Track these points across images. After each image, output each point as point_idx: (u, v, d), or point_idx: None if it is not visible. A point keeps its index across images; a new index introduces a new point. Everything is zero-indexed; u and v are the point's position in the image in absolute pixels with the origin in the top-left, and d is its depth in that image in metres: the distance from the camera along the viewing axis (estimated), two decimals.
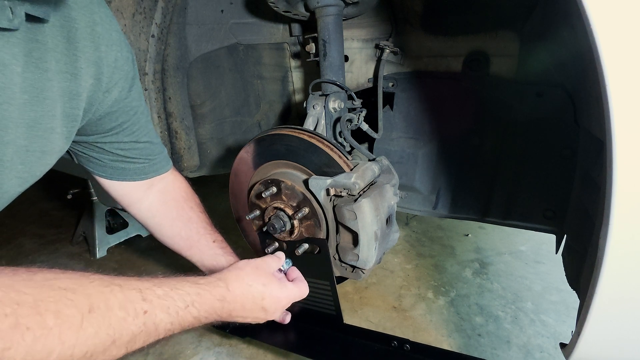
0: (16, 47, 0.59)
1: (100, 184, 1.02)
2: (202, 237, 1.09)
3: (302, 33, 1.58)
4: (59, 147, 0.75)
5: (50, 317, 0.51)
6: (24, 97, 0.62)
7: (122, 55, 0.83)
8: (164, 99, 1.44)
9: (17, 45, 0.59)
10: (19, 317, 0.48)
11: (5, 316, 0.47)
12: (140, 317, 0.61)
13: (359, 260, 0.98)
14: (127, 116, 0.90)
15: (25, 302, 0.49)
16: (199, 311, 0.71)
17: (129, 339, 0.59)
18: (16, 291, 0.50)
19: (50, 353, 0.50)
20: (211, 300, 0.74)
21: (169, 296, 0.67)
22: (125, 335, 0.59)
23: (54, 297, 0.53)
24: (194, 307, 0.70)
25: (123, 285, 0.62)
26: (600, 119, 0.61)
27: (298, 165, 1.06)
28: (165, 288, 0.67)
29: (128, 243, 2.54)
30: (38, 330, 0.49)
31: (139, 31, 1.28)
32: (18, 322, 0.48)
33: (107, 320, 0.56)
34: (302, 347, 1.08)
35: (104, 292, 0.58)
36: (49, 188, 3.38)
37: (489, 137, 1.27)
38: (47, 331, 0.50)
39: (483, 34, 1.23)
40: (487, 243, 2.44)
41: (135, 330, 0.60)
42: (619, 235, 0.61)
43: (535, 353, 1.56)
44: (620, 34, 0.55)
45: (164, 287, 0.67)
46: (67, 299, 0.54)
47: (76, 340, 0.52)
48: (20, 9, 0.56)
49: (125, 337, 0.59)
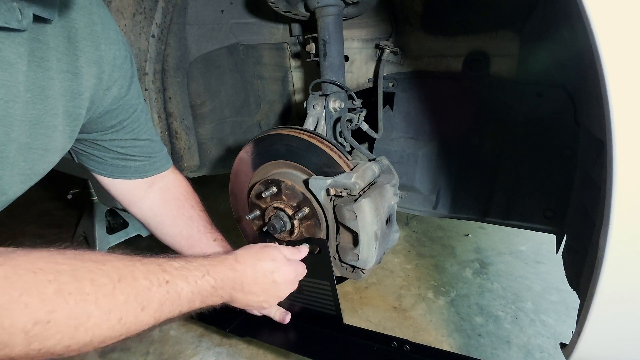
0: (22, 47, 0.61)
1: (101, 183, 1.02)
2: (203, 236, 1.09)
3: (302, 33, 1.58)
4: (62, 145, 0.76)
5: (87, 284, 0.55)
6: (27, 96, 0.63)
7: (121, 54, 0.84)
8: (164, 99, 1.44)
9: (22, 44, 0.61)
10: (61, 283, 0.53)
11: (49, 282, 0.52)
12: (163, 286, 0.65)
13: (359, 260, 0.98)
14: (126, 114, 0.91)
15: (64, 270, 0.54)
16: (216, 280, 0.75)
17: (156, 306, 0.64)
18: (55, 262, 0.55)
19: (89, 317, 0.54)
20: (224, 269, 0.79)
21: (185, 267, 0.72)
22: (152, 302, 0.63)
23: (88, 267, 0.58)
24: (209, 275, 0.75)
25: (142, 260, 0.67)
26: (600, 119, 0.61)
27: (298, 166, 1.06)
28: (180, 261, 0.72)
29: (128, 243, 2.54)
30: (78, 295, 0.54)
31: (139, 31, 1.28)
32: (60, 288, 0.52)
33: (135, 289, 0.61)
34: (301, 347, 1.08)
35: (127, 265, 0.63)
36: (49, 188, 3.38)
37: (489, 137, 1.27)
38: (85, 296, 0.54)
39: (483, 34, 1.23)
40: (487, 243, 2.44)
41: (161, 299, 0.65)
42: (619, 235, 0.61)
43: (536, 353, 1.56)
44: (620, 34, 0.55)
45: (179, 261, 0.72)
46: (99, 269, 0.58)
47: (110, 306, 0.57)
48: (29, 11, 0.58)
49: (152, 304, 0.63)
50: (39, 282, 0.51)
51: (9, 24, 0.55)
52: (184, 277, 0.70)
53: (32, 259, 0.53)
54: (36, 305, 0.50)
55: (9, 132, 0.62)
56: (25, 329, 0.48)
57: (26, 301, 0.49)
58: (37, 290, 0.50)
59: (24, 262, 0.52)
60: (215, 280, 0.76)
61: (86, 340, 0.55)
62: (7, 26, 0.55)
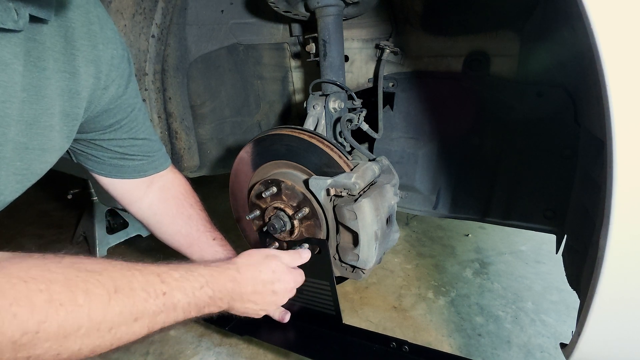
0: (17, 47, 0.61)
1: (101, 183, 1.02)
2: (202, 235, 1.09)
3: (302, 33, 1.58)
4: (59, 145, 0.76)
5: (80, 295, 0.55)
6: (23, 95, 0.63)
7: (118, 53, 0.84)
8: (164, 99, 1.44)
9: (18, 44, 0.61)
10: (53, 293, 0.52)
11: (40, 292, 0.51)
12: (160, 298, 0.65)
13: (359, 260, 0.98)
14: (124, 113, 0.91)
15: (57, 280, 0.54)
16: (214, 291, 0.76)
17: (150, 318, 0.64)
18: (48, 270, 0.54)
19: (79, 328, 0.54)
20: (223, 281, 0.79)
21: (184, 278, 0.71)
22: (147, 314, 0.63)
23: (83, 277, 0.57)
24: (208, 287, 0.74)
25: (142, 270, 0.66)
26: (600, 118, 0.61)
27: (298, 166, 1.06)
28: (181, 271, 0.72)
29: (128, 243, 2.54)
30: (70, 306, 0.53)
31: (139, 32, 1.28)
32: (52, 298, 0.52)
33: (131, 300, 0.61)
34: (300, 346, 1.08)
35: (126, 276, 0.63)
36: (48, 189, 3.38)
37: (489, 137, 1.27)
38: (77, 307, 0.54)
39: (483, 34, 1.23)
40: (488, 243, 2.44)
41: (156, 310, 0.64)
42: (619, 235, 0.61)
43: (536, 353, 1.56)
44: (620, 33, 0.55)
45: (180, 271, 0.72)
46: (95, 280, 0.58)
47: (103, 318, 0.57)
48: (25, 11, 0.58)
49: (147, 316, 0.63)
50: (30, 292, 0.50)
51: (5, 25, 0.55)
52: (182, 289, 0.70)
53: (25, 267, 0.53)
54: (25, 316, 0.49)
55: (6, 133, 0.61)
56: (13, 338, 0.48)
57: (15, 311, 0.48)
58: (28, 300, 0.50)
59: (16, 271, 0.51)
60: (214, 292, 0.76)
61: (75, 349, 0.55)
62: (3, 27, 0.55)
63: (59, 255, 0.59)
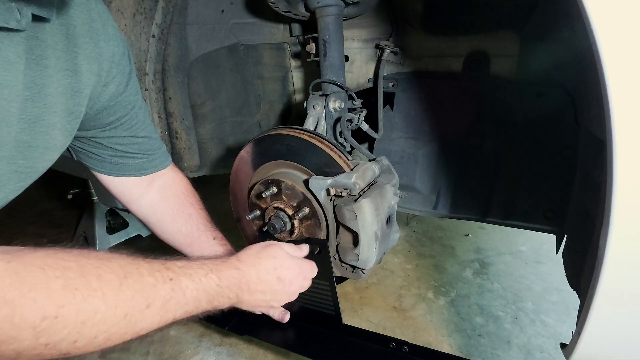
0: (20, 46, 0.61)
1: (101, 181, 1.02)
2: (202, 234, 1.09)
3: (302, 33, 1.58)
4: (61, 143, 0.76)
5: (93, 280, 0.57)
6: (26, 94, 0.64)
7: (119, 50, 0.84)
8: (164, 99, 1.44)
9: (20, 43, 0.61)
10: (68, 279, 0.54)
11: (56, 278, 0.53)
12: (168, 284, 0.66)
13: (359, 261, 0.98)
14: (124, 110, 0.91)
15: (70, 267, 0.56)
16: (220, 279, 0.76)
17: (161, 303, 0.65)
18: (61, 259, 0.56)
19: (96, 312, 0.56)
20: (227, 268, 0.80)
21: (188, 266, 0.73)
22: (157, 300, 0.64)
23: (94, 264, 0.59)
24: (213, 274, 0.75)
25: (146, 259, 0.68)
26: (600, 119, 0.61)
27: (298, 165, 1.06)
28: (183, 261, 0.74)
29: (128, 243, 2.54)
30: (85, 291, 0.55)
31: (140, 31, 1.28)
32: (68, 284, 0.54)
33: (140, 285, 0.62)
34: (300, 346, 1.08)
35: (132, 263, 0.65)
36: (49, 188, 3.38)
37: (489, 137, 1.27)
38: (92, 292, 0.56)
39: (483, 34, 1.23)
40: (488, 243, 2.44)
41: (166, 296, 0.65)
42: (619, 235, 0.61)
43: (536, 353, 1.56)
44: (620, 34, 0.55)
45: (182, 261, 0.74)
46: (105, 266, 0.60)
47: (116, 302, 0.58)
48: (27, 10, 0.58)
49: (158, 301, 0.64)
50: (48, 278, 0.52)
51: (8, 24, 0.56)
52: (188, 275, 0.70)
53: (40, 256, 0.55)
54: (45, 301, 0.51)
55: (9, 131, 0.62)
56: (34, 324, 0.49)
57: (35, 296, 0.50)
58: (46, 285, 0.51)
59: (32, 259, 0.53)
60: (220, 279, 0.76)
61: (92, 335, 0.56)
62: (6, 26, 0.55)
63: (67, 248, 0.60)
